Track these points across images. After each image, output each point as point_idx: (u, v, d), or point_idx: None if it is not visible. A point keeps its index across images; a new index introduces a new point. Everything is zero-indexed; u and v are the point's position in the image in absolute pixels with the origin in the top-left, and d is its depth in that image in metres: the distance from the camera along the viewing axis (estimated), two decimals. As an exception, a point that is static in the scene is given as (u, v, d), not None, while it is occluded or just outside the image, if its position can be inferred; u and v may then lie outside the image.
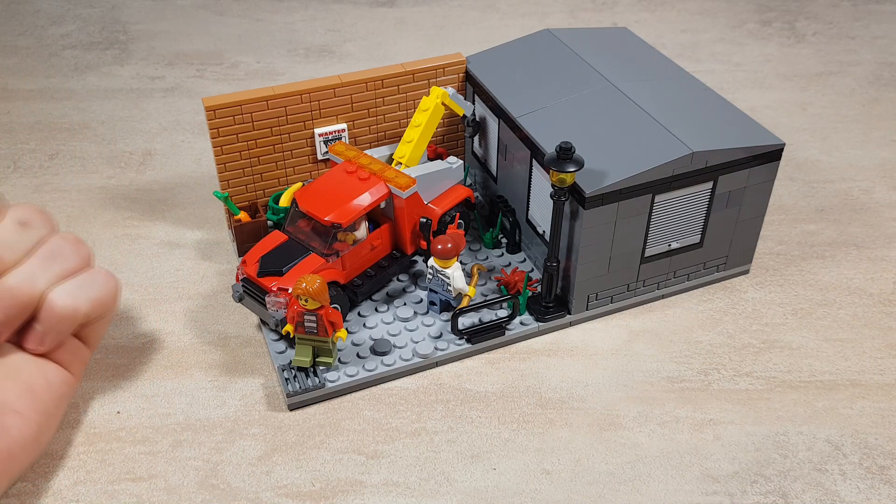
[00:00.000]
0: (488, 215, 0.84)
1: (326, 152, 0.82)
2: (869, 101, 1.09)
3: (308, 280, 0.63)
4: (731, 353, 0.72)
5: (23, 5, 1.34)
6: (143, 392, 0.69)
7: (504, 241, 0.82)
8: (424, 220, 0.75)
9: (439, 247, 0.70)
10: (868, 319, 0.76)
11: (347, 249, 0.71)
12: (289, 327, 0.66)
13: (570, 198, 0.68)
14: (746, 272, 0.81)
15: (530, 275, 0.76)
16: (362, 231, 0.72)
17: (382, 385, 0.69)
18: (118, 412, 0.67)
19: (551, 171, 0.65)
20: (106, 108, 1.07)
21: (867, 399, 0.68)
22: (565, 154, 0.64)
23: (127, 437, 0.65)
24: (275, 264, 0.70)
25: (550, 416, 0.66)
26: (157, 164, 0.96)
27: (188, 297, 0.78)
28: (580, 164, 0.65)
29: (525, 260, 0.80)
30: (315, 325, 0.65)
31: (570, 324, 0.74)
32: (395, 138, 0.84)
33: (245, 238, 0.79)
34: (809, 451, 0.63)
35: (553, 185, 0.66)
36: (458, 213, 0.77)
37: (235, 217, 0.80)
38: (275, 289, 0.68)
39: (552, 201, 0.68)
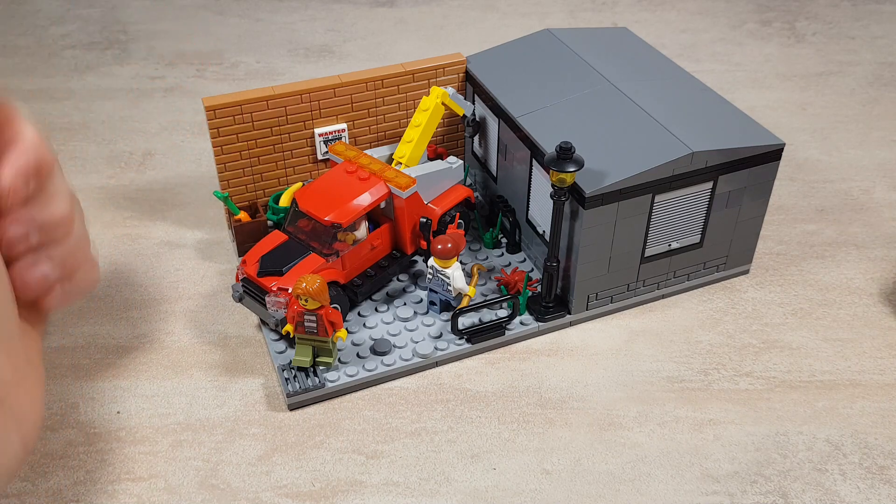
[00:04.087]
0: (488, 215, 0.84)
1: (326, 152, 0.82)
2: (869, 101, 1.09)
3: (308, 280, 0.63)
4: (731, 353, 0.72)
5: (23, 5, 1.34)
6: (143, 392, 0.69)
7: (504, 240, 0.82)
8: (424, 220, 0.75)
9: (439, 247, 0.70)
10: (868, 319, 0.76)
11: (347, 249, 0.71)
12: (289, 327, 0.66)
13: (569, 198, 0.68)
14: (746, 272, 0.81)
15: (530, 275, 0.76)
16: (362, 231, 0.72)
17: (382, 385, 0.69)
18: (118, 412, 0.67)
19: (551, 171, 0.65)
20: (106, 108, 1.07)
21: (867, 399, 0.68)
22: (565, 154, 0.64)
23: (127, 437, 0.65)
24: (275, 264, 0.70)
25: (550, 416, 0.66)
26: (157, 164, 0.96)
27: (188, 297, 0.78)
28: (580, 164, 0.65)
29: (525, 260, 0.80)
30: (315, 325, 0.65)
31: (570, 324, 0.75)
32: (395, 138, 0.84)
33: (245, 238, 0.79)
34: (809, 451, 0.63)
35: (553, 185, 0.66)
36: (458, 213, 0.77)
37: (235, 217, 0.80)
38: (275, 289, 0.68)
39: (552, 201, 0.68)
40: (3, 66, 1.16)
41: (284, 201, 0.80)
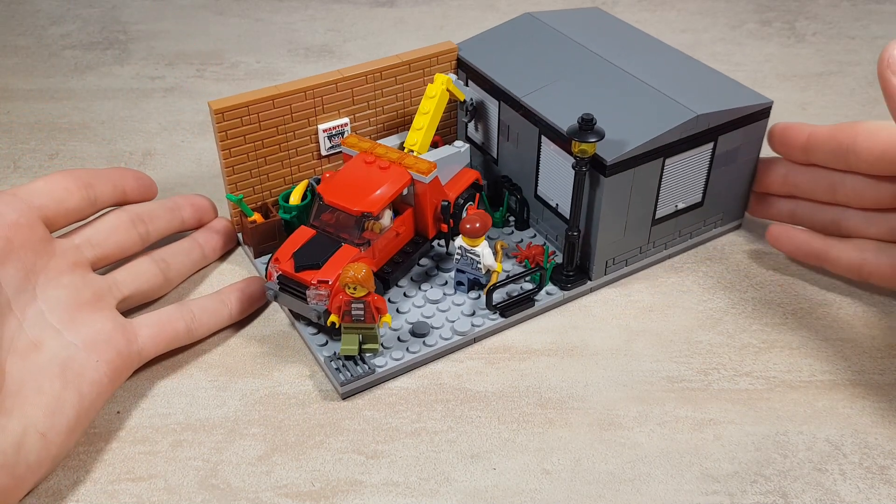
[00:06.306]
0: (492, 195, 0.86)
1: (331, 147, 0.82)
2: (869, 101, 1.09)
3: (355, 268, 0.65)
4: (731, 353, 0.72)
5: (23, 5, 1.34)
6: (143, 392, 0.69)
7: (512, 219, 0.84)
8: (445, 203, 0.75)
9: (468, 226, 0.71)
10: (868, 319, 0.76)
11: (377, 238, 0.72)
12: (334, 317, 0.67)
13: (589, 168, 0.71)
14: (740, 226, 0.85)
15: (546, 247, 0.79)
16: (387, 219, 0.74)
17: (382, 385, 0.69)
18: (118, 412, 0.67)
19: (574, 142, 0.68)
20: (106, 108, 1.07)
21: (867, 399, 0.68)
22: (587, 125, 0.68)
23: (127, 437, 0.65)
24: (310, 258, 0.70)
25: (550, 416, 0.66)
26: (157, 164, 0.96)
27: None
28: (601, 135, 0.68)
29: (535, 235, 0.83)
30: (363, 312, 0.66)
31: (591, 290, 0.78)
32: (395, 128, 0.85)
33: (261, 239, 0.79)
34: (809, 451, 0.64)
35: (575, 156, 0.69)
36: (477, 194, 0.80)
37: (250, 219, 0.79)
38: (315, 282, 0.69)
39: (574, 172, 0.70)
40: (3, 66, 1.16)
41: (295, 199, 0.80)
